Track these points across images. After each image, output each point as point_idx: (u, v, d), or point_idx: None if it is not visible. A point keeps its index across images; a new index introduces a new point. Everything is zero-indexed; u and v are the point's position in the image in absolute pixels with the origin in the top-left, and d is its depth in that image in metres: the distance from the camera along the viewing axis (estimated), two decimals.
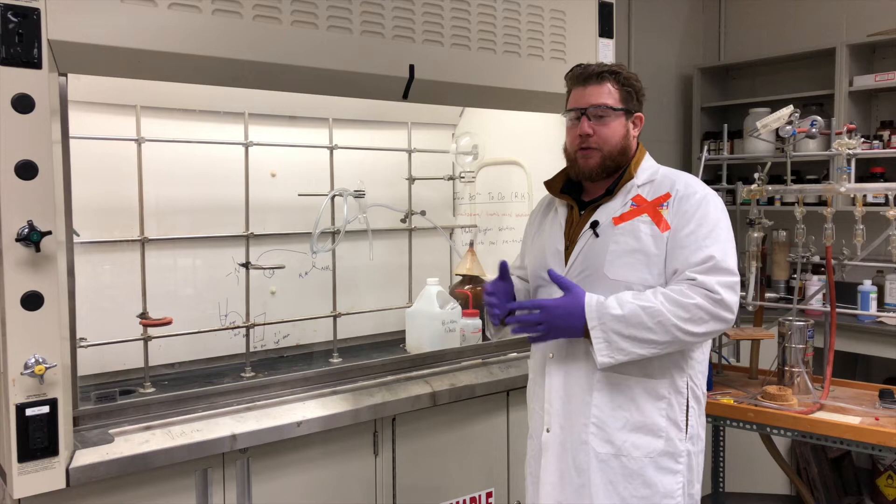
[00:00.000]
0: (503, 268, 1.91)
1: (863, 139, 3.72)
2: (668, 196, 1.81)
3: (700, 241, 1.74)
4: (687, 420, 1.82)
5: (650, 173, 1.88)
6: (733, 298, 1.72)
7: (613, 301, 1.72)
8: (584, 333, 1.74)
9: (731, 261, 1.76)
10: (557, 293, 1.83)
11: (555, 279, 1.80)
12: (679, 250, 1.76)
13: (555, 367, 1.87)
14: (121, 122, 2.37)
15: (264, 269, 2.62)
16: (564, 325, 1.74)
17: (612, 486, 1.80)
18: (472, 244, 3.10)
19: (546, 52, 2.58)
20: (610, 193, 1.87)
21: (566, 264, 1.86)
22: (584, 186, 1.94)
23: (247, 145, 2.53)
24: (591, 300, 1.73)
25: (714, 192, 1.85)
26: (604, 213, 1.85)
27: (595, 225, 1.83)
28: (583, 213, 1.90)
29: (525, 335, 1.84)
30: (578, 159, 1.87)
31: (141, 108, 2.36)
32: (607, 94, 1.85)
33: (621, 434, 1.80)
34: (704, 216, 1.77)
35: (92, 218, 2.32)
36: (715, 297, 1.70)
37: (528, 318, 1.78)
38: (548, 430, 1.89)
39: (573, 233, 1.89)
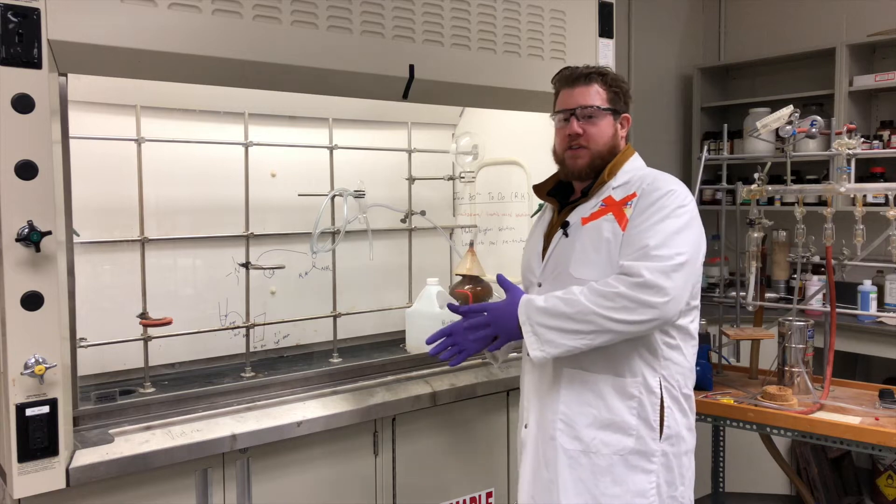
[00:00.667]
0: (451, 308, 1.96)
1: (863, 139, 3.71)
2: (634, 195, 1.82)
3: (642, 234, 1.74)
4: (661, 420, 1.80)
5: (629, 176, 1.88)
6: (664, 282, 1.66)
7: (541, 297, 1.76)
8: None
9: (672, 249, 1.70)
10: (533, 293, 1.89)
11: (499, 283, 1.88)
12: (625, 244, 1.76)
13: (531, 364, 1.91)
14: (121, 122, 2.37)
15: (264, 269, 2.62)
16: (507, 324, 1.79)
17: (583, 484, 1.81)
18: (472, 244, 3.10)
19: (546, 52, 2.58)
20: (585, 195, 1.90)
21: (542, 264, 1.92)
22: (574, 189, 1.97)
23: (247, 145, 2.53)
24: (524, 299, 1.77)
25: (684, 189, 1.82)
26: (576, 214, 1.88)
27: (566, 225, 1.87)
28: (560, 214, 1.95)
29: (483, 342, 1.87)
30: (567, 160, 1.90)
31: (141, 108, 2.36)
32: (595, 94, 1.87)
33: (589, 431, 1.81)
34: (658, 209, 1.76)
35: (92, 218, 2.32)
36: (636, 280, 1.66)
37: (477, 322, 1.82)
38: (525, 426, 1.93)
39: (551, 235, 1.94)
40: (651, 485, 1.80)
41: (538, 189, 2.04)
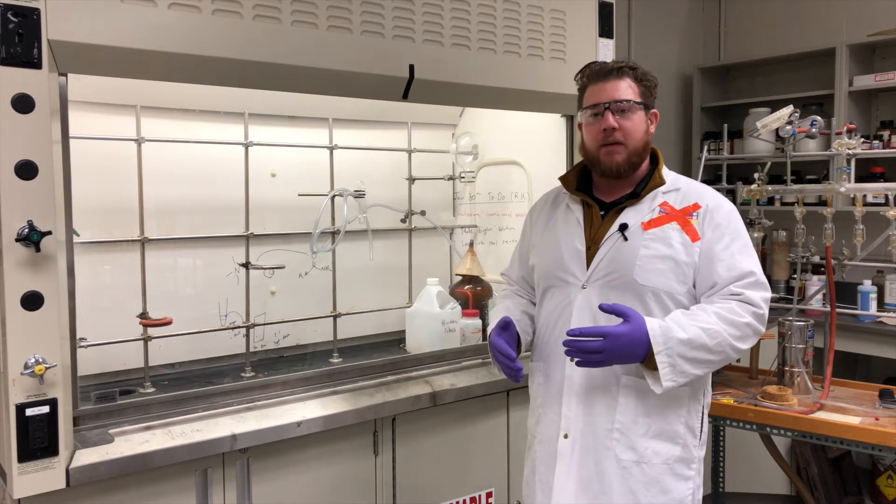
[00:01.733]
0: (507, 322, 1.85)
1: (863, 139, 3.71)
2: (697, 206, 1.81)
3: (736, 255, 1.76)
4: (701, 426, 1.83)
5: (672, 179, 1.88)
6: (766, 311, 1.77)
7: (674, 325, 1.68)
8: (644, 359, 1.69)
9: (763, 276, 1.79)
10: (575, 296, 1.82)
11: (612, 309, 1.69)
12: (717, 262, 1.76)
13: (577, 371, 1.81)
14: (121, 122, 2.37)
15: (264, 269, 2.62)
16: (627, 352, 1.67)
17: (633, 494, 1.79)
18: (472, 244, 3.10)
19: (546, 52, 2.58)
20: (636, 196, 1.84)
21: (588, 266, 1.83)
22: (596, 185, 1.92)
23: (247, 145, 2.53)
24: (653, 325, 1.68)
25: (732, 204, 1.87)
26: (632, 217, 1.82)
27: (624, 227, 1.81)
28: (604, 213, 1.87)
29: (578, 360, 1.72)
30: (602, 156, 1.83)
31: (141, 108, 2.36)
32: (627, 88, 1.83)
33: (643, 441, 1.79)
34: (737, 230, 1.80)
35: (92, 218, 2.32)
36: (758, 311, 1.73)
37: (588, 345, 1.67)
38: (565, 436, 1.84)
39: (596, 234, 1.85)
40: (689, 491, 1.81)
41: (566, 182, 1.95)
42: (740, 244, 1.78)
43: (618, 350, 1.66)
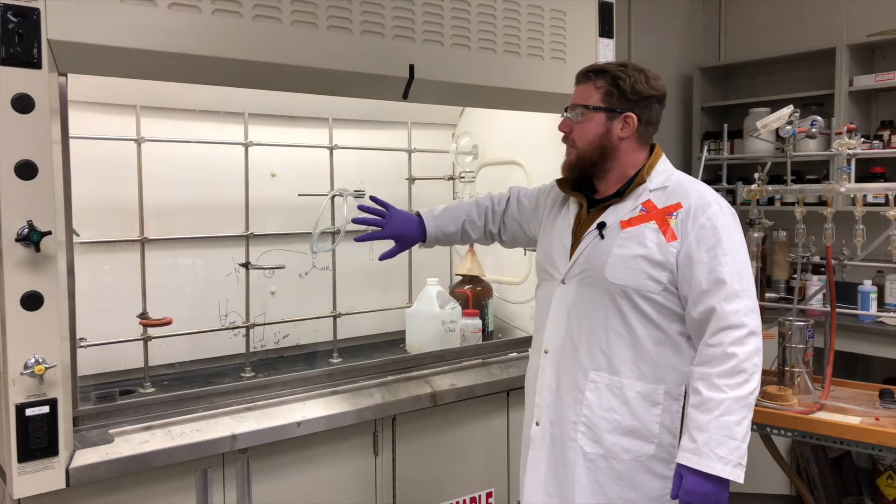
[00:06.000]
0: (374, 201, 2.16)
1: (863, 139, 3.71)
2: (678, 206, 1.79)
3: (719, 258, 1.72)
4: (681, 427, 1.80)
5: (664, 178, 1.86)
6: (756, 324, 1.71)
7: (722, 437, 1.66)
8: (722, 481, 1.69)
9: (747, 280, 1.74)
10: (555, 289, 1.88)
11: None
12: (697, 266, 1.73)
13: (549, 363, 1.88)
14: (121, 122, 2.37)
15: (264, 269, 2.62)
16: (700, 489, 1.68)
17: (599, 486, 1.80)
18: (472, 244, 3.10)
19: (546, 52, 2.58)
20: (620, 195, 1.85)
21: (569, 261, 1.87)
22: (595, 186, 1.93)
23: (247, 145, 2.53)
24: (711, 465, 1.66)
25: (727, 203, 1.82)
26: (612, 215, 1.84)
27: (602, 226, 1.83)
28: (591, 211, 1.90)
29: None
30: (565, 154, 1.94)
31: (141, 108, 2.37)
32: (586, 93, 1.86)
33: (611, 436, 1.79)
34: (722, 231, 1.75)
35: (92, 218, 2.32)
36: (741, 333, 1.68)
37: None
38: (537, 424, 1.90)
39: (580, 231, 1.89)
40: (665, 490, 1.80)
41: (561, 183, 1.99)
42: (724, 247, 1.73)
43: (696, 491, 1.68)
